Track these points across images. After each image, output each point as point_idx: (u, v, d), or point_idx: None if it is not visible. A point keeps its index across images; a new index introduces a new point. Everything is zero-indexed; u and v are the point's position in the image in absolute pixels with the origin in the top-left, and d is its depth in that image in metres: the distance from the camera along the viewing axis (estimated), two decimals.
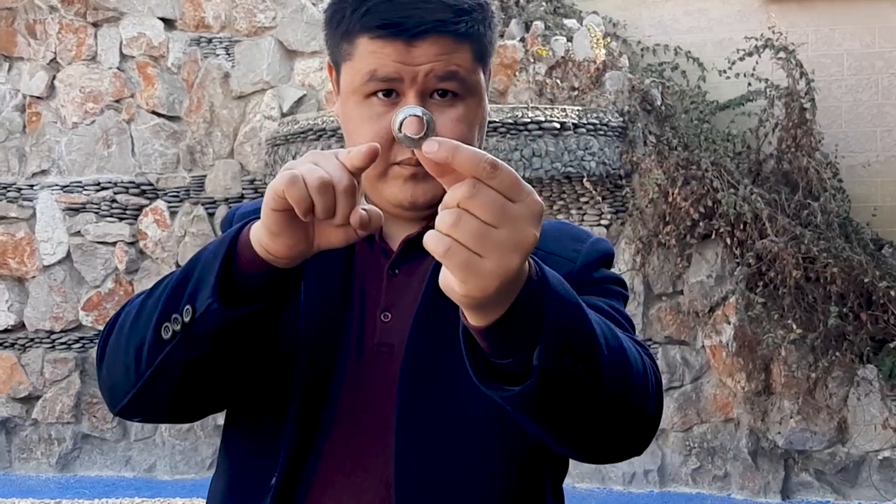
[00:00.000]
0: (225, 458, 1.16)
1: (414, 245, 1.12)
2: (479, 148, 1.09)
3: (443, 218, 0.76)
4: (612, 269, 1.21)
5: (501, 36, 5.66)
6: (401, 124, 0.81)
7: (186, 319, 0.97)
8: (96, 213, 5.70)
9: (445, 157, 0.75)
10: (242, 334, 0.99)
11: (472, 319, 0.83)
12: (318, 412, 1.09)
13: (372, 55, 1.08)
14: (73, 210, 5.72)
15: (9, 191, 5.79)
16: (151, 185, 5.70)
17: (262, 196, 0.93)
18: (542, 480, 1.15)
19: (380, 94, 1.09)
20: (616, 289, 1.17)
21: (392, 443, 1.07)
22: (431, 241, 0.76)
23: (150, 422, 1.10)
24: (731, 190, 5.00)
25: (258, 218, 0.95)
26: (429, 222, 1.10)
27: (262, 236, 0.94)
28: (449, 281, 0.78)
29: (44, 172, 5.79)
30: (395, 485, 1.06)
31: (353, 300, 1.13)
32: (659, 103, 5.43)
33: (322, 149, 6.19)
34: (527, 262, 0.83)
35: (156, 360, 0.99)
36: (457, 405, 1.07)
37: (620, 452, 1.02)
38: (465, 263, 0.76)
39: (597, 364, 0.89)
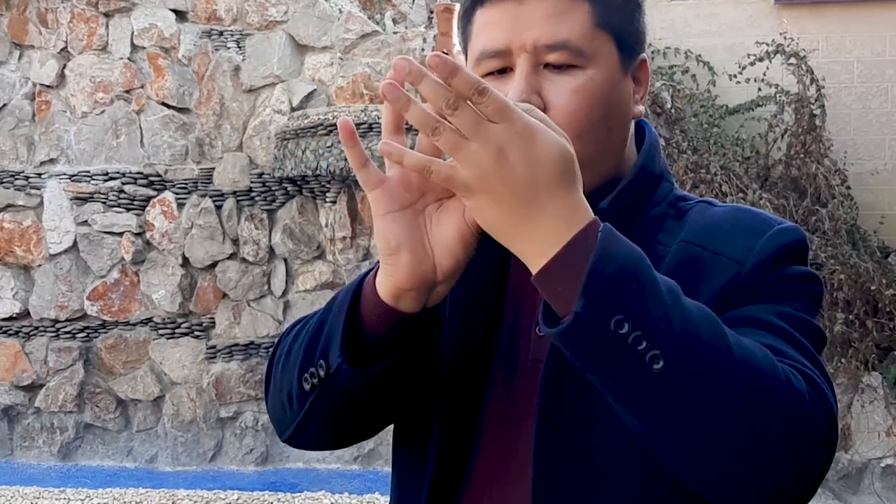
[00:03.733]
0: (393, 477, 1.12)
1: None
2: (605, 130, 0.98)
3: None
4: (800, 264, 0.97)
5: None
6: None
7: (322, 374, 0.94)
8: (104, 203, 5.70)
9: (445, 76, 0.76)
10: (384, 382, 0.95)
11: (524, 259, 0.82)
12: (466, 432, 1.01)
13: (483, 28, 0.99)
14: (81, 199, 5.72)
15: (17, 179, 5.79)
16: (160, 176, 5.70)
17: (271, 189, 0.87)
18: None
19: (495, 74, 0.98)
20: (795, 288, 0.95)
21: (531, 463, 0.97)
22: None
23: (315, 450, 1.12)
24: (740, 194, 5.00)
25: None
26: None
27: (381, 275, 0.89)
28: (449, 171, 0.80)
29: (52, 161, 5.79)
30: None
31: (505, 312, 1.02)
32: (669, 106, 5.42)
33: (332, 146, 5.89)
34: (591, 214, 0.80)
35: (303, 409, 0.99)
36: (596, 425, 0.95)
37: (760, 489, 0.82)
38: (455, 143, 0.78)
39: (671, 343, 0.77)
